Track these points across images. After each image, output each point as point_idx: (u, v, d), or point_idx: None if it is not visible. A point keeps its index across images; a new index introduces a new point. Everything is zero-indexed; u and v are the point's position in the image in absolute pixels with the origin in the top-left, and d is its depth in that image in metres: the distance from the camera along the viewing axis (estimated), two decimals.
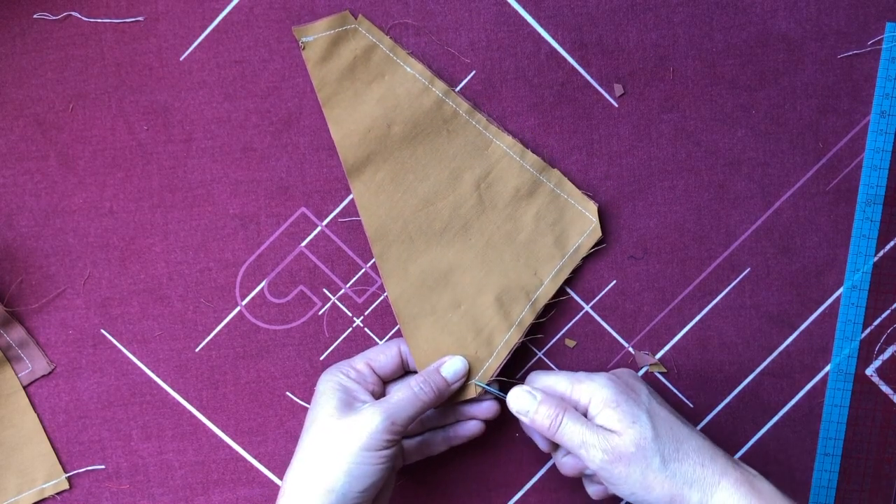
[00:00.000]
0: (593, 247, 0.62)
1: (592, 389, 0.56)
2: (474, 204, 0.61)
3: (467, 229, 0.61)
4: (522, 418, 0.57)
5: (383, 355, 0.60)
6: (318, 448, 0.55)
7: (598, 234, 0.62)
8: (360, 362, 0.59)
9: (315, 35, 0.60)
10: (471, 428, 0.61)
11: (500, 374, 0.61)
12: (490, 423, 0.61)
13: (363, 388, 0.58)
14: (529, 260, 0.61)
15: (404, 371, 0.61)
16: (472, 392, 0.60)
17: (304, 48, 0.59)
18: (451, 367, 0.59)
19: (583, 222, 0.62)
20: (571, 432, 0.55)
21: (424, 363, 0.60)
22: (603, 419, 0.55)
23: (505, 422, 0.62)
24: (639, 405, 0.55)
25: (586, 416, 0.56)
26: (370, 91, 0.60)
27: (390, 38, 0.60)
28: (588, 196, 0.62)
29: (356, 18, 0.60)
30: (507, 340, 0.61)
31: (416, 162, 0.61)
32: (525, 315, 0.61)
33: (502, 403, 0.60)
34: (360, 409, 0.55)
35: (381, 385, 0.60)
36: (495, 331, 0.61)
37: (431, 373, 0.58)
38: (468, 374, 0.60)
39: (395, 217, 0.61)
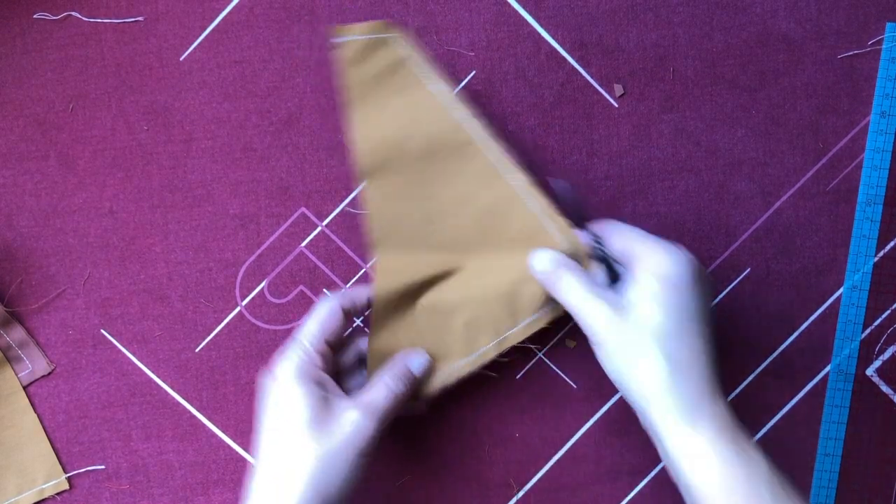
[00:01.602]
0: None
1: (660, 258, 0.53)
2: (474, 234, 0.60)
3: (462, 256, 0.60)
4: (538, 266, 0.57)
5: (333, 318, 0.57)
6: (296, 465, 0.53)
7: None
8: (319, 342, 0.56)
9: (353, 36, 0.59)
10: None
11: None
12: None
13: (333, 384, 0.56)
14: (511, 300, 0.59)
15: (349, 329, 0.59)
16: (425, 392, 0.59)
17: (340, 46, 0.59)
18: (415, 359, 0.58)
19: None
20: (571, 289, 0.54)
21: (379, 360, 0.59)
22: (639, 288, 0.53)
23: (505, 422, 0.62)
24: (690, 304, 0.52)
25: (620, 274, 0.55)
26: (394, 102, 0.59)
27: (420, 54, 0.60)
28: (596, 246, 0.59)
29: (393, 29, 0.59)
30: (458, 367, 0.60)
31: (426, 180, 0.60)
32: (488, 350, 0.60)
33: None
34: (341, 416, 0.54)
35: (332, 356, 0.58)
36: (452, 353, 0.60)
37: (397, 364, 0.57)
38: (429, 372, 0.59)
39: (398, 228, 0.60)
